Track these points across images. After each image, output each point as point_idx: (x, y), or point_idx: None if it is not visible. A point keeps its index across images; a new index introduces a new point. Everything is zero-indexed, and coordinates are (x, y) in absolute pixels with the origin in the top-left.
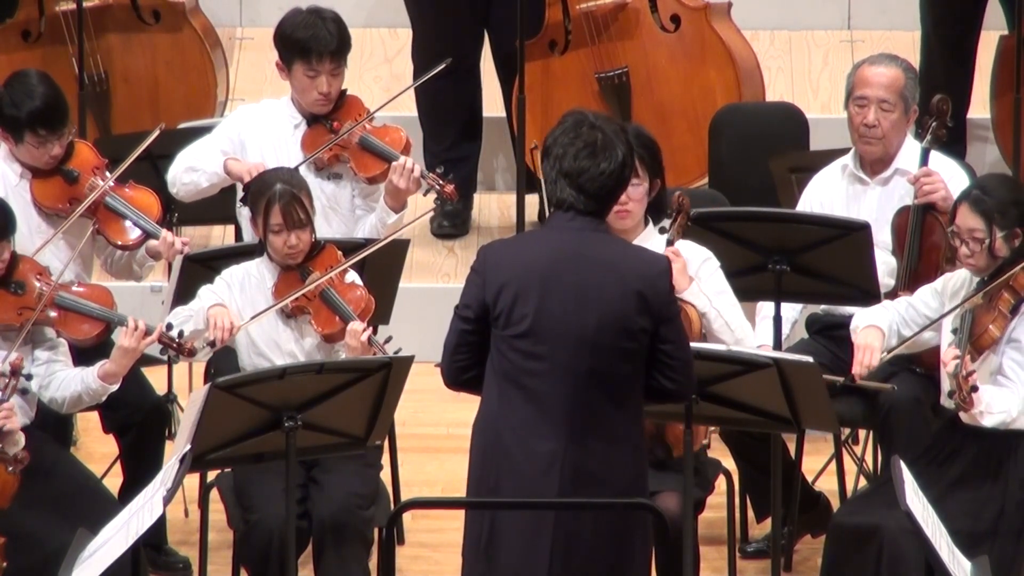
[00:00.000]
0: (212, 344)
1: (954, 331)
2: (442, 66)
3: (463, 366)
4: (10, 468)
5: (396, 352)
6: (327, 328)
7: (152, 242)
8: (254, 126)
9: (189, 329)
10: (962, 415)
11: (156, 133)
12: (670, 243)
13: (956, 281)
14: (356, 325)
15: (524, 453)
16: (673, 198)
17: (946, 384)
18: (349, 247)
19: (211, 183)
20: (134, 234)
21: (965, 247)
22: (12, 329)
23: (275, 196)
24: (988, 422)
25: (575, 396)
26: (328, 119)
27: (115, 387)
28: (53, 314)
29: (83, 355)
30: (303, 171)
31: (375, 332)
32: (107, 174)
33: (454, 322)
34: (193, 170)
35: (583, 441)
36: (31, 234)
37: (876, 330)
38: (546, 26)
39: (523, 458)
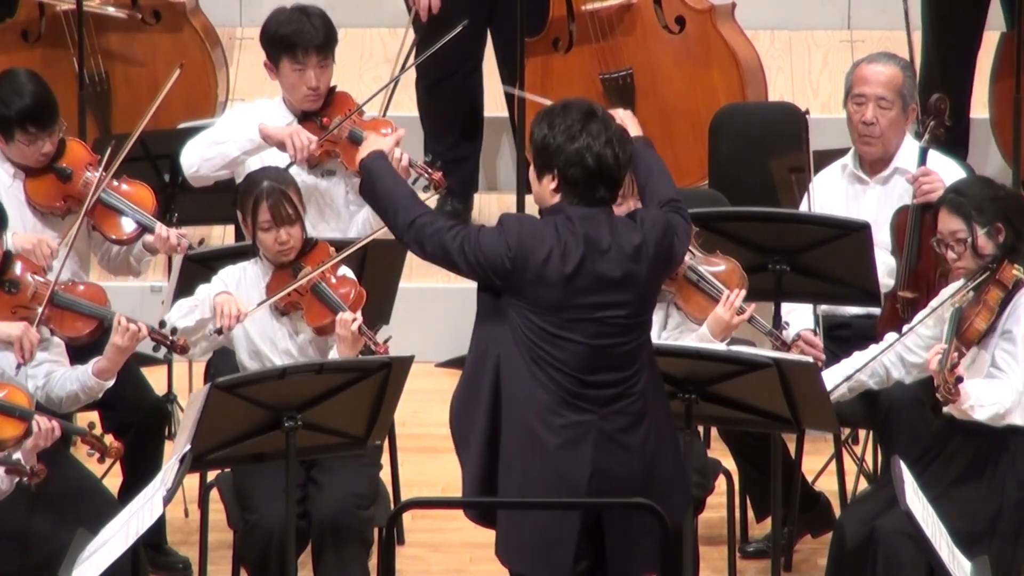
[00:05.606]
0: (219, 332)
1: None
2: (459, 29)
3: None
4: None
5: (386, 340)
6: (318, 321)
7: (148, 237)
8: (248, 124)
9: (195, 318)
10: (952, 410)
11: (177, 74)
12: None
13: (946, 292)
14: (345, 315)
15: (551, 429)
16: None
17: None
18: (341, 245)
19: (242, 151)
20: (130, 228)
21: (951, 251)
22: None
23: (262, 194)
24: (980, 415)
25: (600, 366)
26: (319, 116)
27: (110, 383)
28: (47, 312)
29: (79, 353)
30: (296, 169)
31: (375, 332)
32: (101, 167)
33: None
34: (218, 143)
35: (610, 409)
36: (27, 233)
37: None
38: (550, 23)
39: (550, 433)
